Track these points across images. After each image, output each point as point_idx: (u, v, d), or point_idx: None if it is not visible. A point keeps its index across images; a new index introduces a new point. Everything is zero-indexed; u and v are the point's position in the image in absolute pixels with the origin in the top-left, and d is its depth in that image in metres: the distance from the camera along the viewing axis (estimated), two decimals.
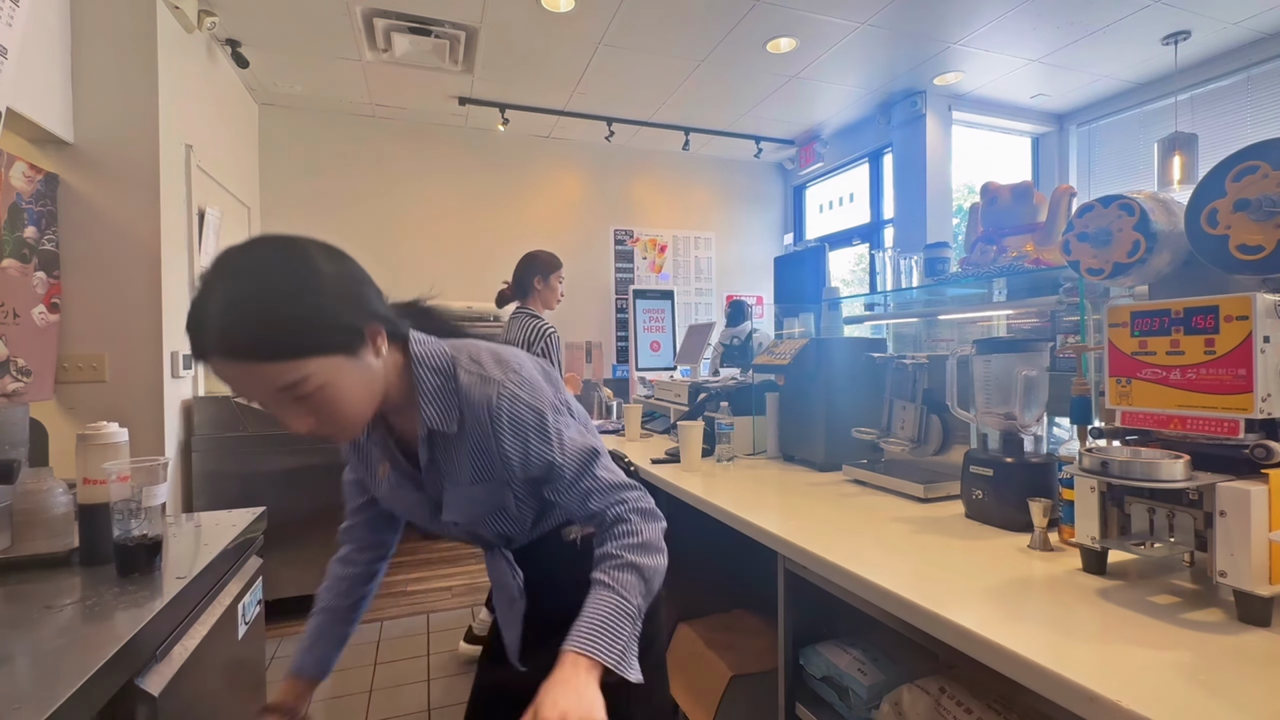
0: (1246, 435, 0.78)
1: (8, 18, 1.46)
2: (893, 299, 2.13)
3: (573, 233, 4.76)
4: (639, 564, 0.83)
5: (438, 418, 0.85)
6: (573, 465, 0.87)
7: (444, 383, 0.86)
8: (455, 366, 0.86)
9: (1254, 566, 0.74)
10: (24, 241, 2.10)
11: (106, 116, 2.33)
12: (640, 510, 0.88)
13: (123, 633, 0.81)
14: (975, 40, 3.33)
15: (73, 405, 2.32)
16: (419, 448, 0.88)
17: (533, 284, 2.51)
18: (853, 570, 0.98)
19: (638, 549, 0.84)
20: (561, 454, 0.87)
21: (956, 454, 1.46)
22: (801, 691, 1.24)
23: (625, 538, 0.85)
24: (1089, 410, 1.11)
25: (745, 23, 3.12)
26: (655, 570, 0.85)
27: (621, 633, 0.77)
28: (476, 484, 0.88)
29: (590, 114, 4.25)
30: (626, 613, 0.78)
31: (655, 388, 3.07)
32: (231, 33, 3.09)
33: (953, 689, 0.97)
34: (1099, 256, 0.96)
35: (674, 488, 1.71)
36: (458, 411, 0.85)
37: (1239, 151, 0.82)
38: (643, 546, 0.84)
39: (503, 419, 0.84)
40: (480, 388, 0.84)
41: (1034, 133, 4.47)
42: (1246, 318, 0.78)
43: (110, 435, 1.06)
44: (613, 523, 0.86)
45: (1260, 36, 3.29)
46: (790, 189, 5.45)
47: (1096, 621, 0.78)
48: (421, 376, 0.85)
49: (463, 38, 3.19)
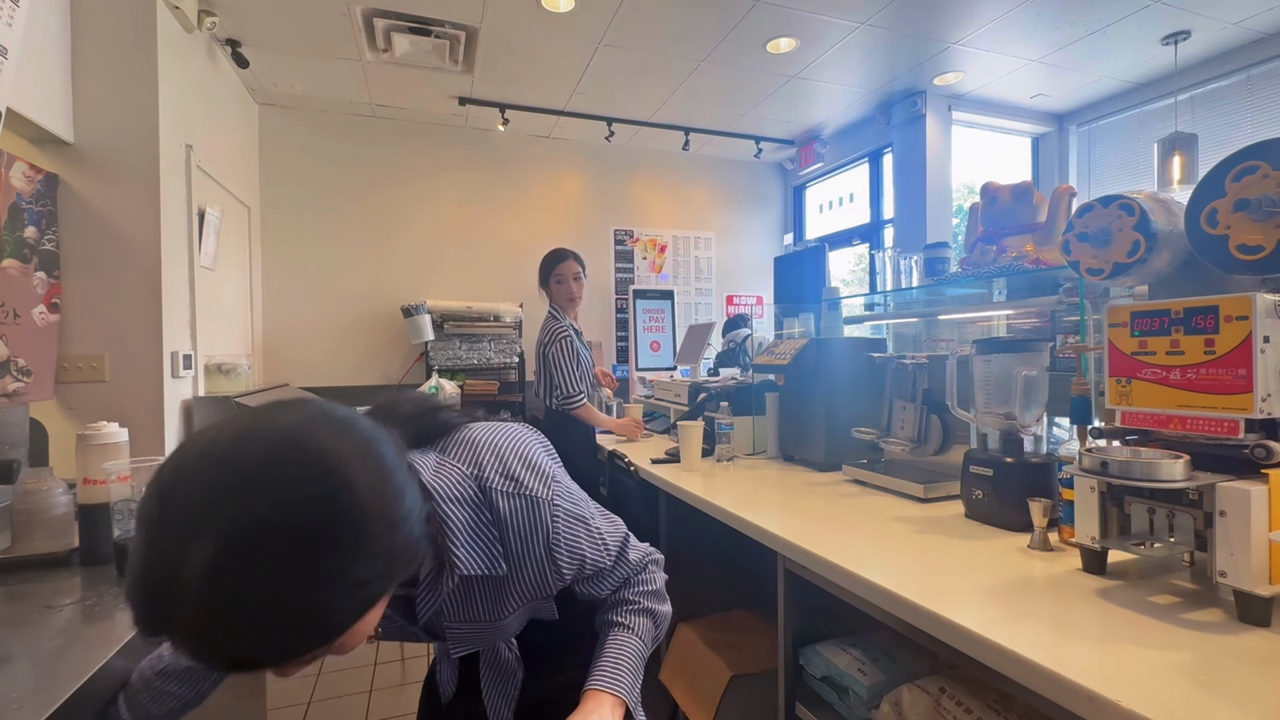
0: (1246, 435, 0.78)
1: (8, 18, 1.46)
2: (893, 299, 2.13)
3: (573, 233, 4.75)
4: (654, 610, 0.85)
5: (477, 562, 0.68)
6: (612, 558, 0.83)
7: (475, 515, 0.69)
8: (485, 490, 0.70)
9: (1254, 566, 0.74)
10: (24, 241, 2.10)
11: (106, 116, 2.33)
12: (655, 561, 0.90)
13: (123, 633, 0.81)
14: (975, 40, 3.33)
15: (73, 405, 2.32)
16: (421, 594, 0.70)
17: (549, 284, 2.53)
18: (853, 570, 0.98)
19: (651, 596, 0.86)
20: (608, 554, 0.82)
21: (956, 454, 1.46)
22: (801, 691, 1.24)
23: (641, 585, 0.86)
24: (1089, 410, 1.11)
25: (745, 23, 3.12)
26: (665, 617, 0.87)
27: (638, 673, 0.78)
28: (514, 613, 0.77)
29: (590, 114, 4.24)
30: (642, 656, 0.81)
31: (655, 388, 3.07)
32: (231, 33, 3.08)
33: (953, 689, 0.97)
34: (1099, 256, 0.96)
35: (674, 488, 1.71)
36: (500, 547, 0.70)
37: (1239, 151, 0.82)
38: (656, 594, 0.86)
39: (561, 543, 0.74)
40: (529, 513, 0.71)
41: (1034, 133, 4.47)
42: (1246, 318, 0.78)
43: (110, 435, 1.06)
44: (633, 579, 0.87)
45: (1260, 36, 3.29)
46: (790, 189, 5.45)
47: (1096, 621, 0.78)
48: (449, 515, 0.67)
49: (463, 38, 3.19)
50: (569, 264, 2.55)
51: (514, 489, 0.70)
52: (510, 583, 0.73)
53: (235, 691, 1.21)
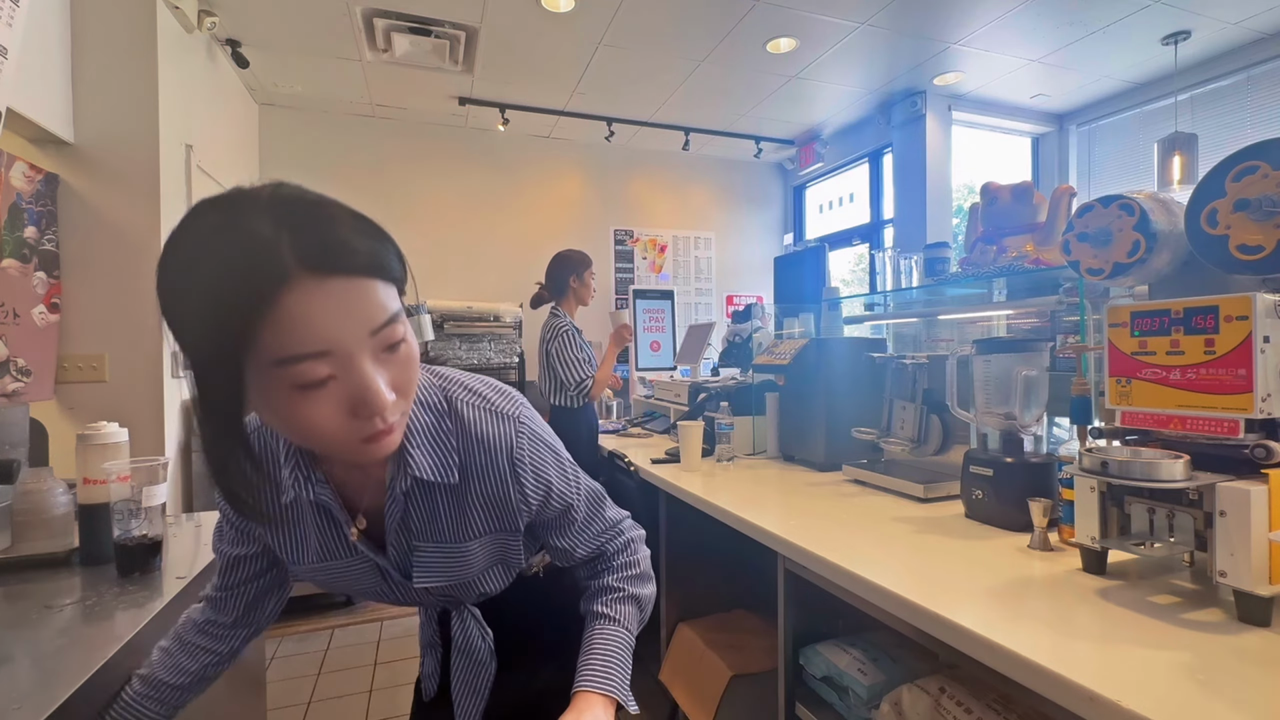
0: (1246, 435, 0.78)
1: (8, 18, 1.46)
2: (893, 299, 2.13)
3: (572, 233, 4.75)
4: (639, 596, 0.82)
5: (431, 466, 0.68)
6: (584, 506, 0.81)
7: (437, 421, 0.70)
8: (450, 400, 0.71)
9: (1254, 566, 0.74)
10: (24, 241, 2.10)
11: (106, 116, 2.33)
12: (637, 537, 0.87)
13: (123, 633, 0.81)
14: (975, 40, 3.33)
15: (73, 405, 2.32)
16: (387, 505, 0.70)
17: (569, 282, 2.54)
18: (853, 570, 0.98)
19: (636, 580, 0.83)
20: (578, 493, 0.79)
21: (956, 454, 1.46)
22: (801, 691, 1.24)
23: (626, 570, 0.83)
24: (1089, 410, 1.11)
25: (745, 23, 3.12)
26: (650, 600, 0.85)
27: (627, 666, 0.77)
28: (478, 538, 0.74)
29: (590, 114, 4.24)
30: (629, 646, 0.79)
31: (655, 388, 3.07)
32: (231, 33, 3.08)
33: (953, 689, 0.97)
34: (1099, 256, 0.96)
35: (674, 488, 1.71)
36: (458, 456, 0.70)
37: (1239, 151, 0.82)
38: (640, 577, 0.84)
39: (525, 459, 0.72)
40: (493, 425, 0.70)
41: (1034, 133, 4.47)
42: (1246, 318, 0.78)
43: (110, 435, 1.06)
44: (614, 554, 0.84)
45: (1260, 36, 3.29)
46: (790, 189, 5.45)
47: (1096, 621, 0.78)
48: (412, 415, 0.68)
49: (463, 38, 3.19)
50: (592, 265, 2.60)
51: (481, 403, 0.72)
52: (472, 498, 0.72)
53: (235, 691, 1.21)
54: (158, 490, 1.04)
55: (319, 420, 0.54)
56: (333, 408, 0.54)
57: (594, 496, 0.83)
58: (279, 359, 0.50)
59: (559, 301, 2.57)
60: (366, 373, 0.54)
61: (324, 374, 0.52)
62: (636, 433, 2.79)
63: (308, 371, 0.51)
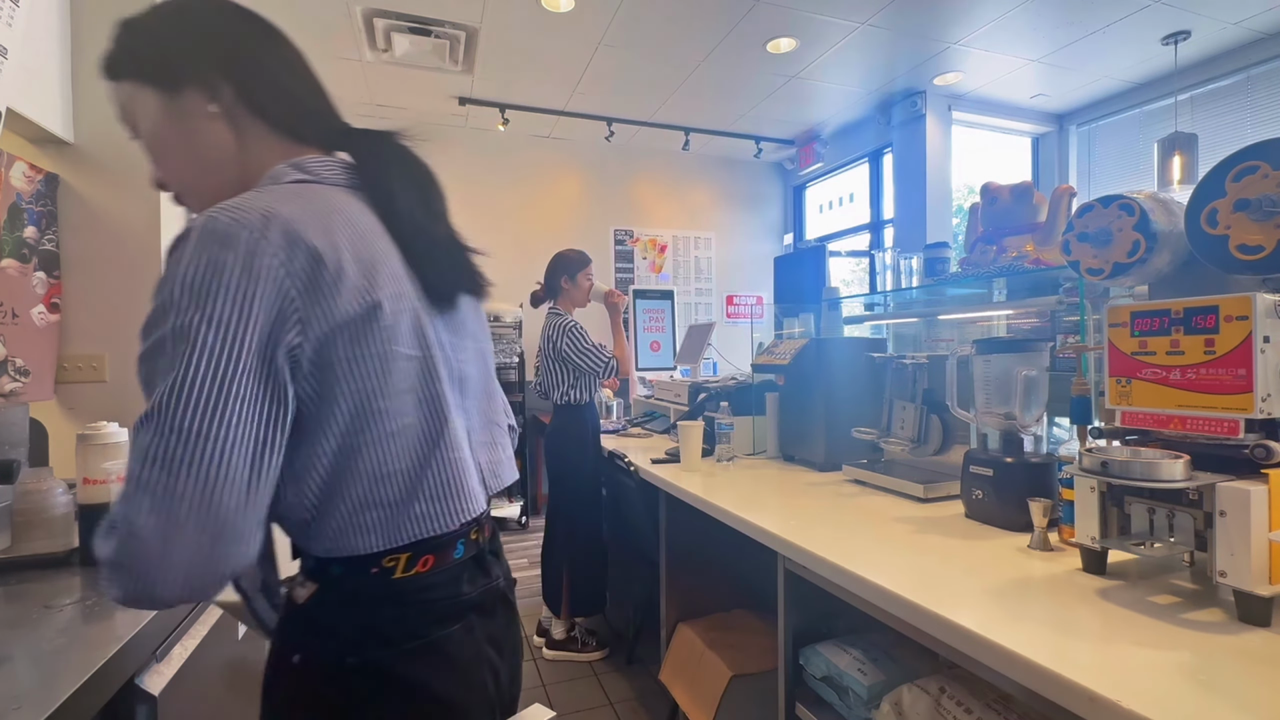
0: (1246, 435, 0.78)
1: (8, 18, 1.46)
2: (893, 299, 2.13)
3: (572, 233, 4.75)
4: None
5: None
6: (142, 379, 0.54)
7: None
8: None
9: (1254, 566, 0.74)
10: (24, 241, 2.10)
11: (106, 116, 2.31)
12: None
13: (123, 633, 0.81)
14: (975, 40, 3.33)
15: (73, 405, 2.32)
16: None
17: (560, 284, 2.52)
18: (853, 570, 0.98)
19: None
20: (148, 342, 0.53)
21: (956, 454, 1.46)
22: (801, 691, 1.24)
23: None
24: (1089, 410, 1.11)
25: (745, 23, 3.12)
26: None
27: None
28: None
29: (590, 114, 4.25)
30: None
31: (655, 388, 3.07)
32: None
33: (953, 689, 0.97)
34: (1099, 256, 0.96)
35: (674, 488, 1.71)
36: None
37: (1239, 151, 0.82)
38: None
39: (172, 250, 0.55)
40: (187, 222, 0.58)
41: (1034, 133, 4.47)
42: (1246, 318, 0.78)
43: (110, 435, 1.06)
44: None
45: (1260, 36, 3.29)
46: (790, 189, 5.45)
47: (1096, 621, 0.78)
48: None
49: (463, 38, 3.19)
50: (588, 266, 2.58)
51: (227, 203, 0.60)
52: None
53: (235, 691, 1.21)
54: None
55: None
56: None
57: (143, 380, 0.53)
58: None
59: (555, 301, 2.57)
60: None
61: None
62: (636, 433, 2.79)
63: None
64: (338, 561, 0.61)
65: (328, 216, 0.59)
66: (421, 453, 0.63)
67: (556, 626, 2.47)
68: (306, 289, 0.55)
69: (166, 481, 0.49)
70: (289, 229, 0.55)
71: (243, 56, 0.67)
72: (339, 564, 0.61)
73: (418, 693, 0.62)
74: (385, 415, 0.61)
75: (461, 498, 0.66)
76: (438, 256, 0.71)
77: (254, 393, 0.52)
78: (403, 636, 0.62)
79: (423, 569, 0.64)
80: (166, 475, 0.49)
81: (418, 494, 0.63)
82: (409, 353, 0.63)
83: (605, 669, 2.37)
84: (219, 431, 0.50)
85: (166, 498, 0.48)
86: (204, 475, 0.49)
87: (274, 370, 0.53)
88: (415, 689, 0.62)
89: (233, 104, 0.66)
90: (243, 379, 0.51)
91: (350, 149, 0.73)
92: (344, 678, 0.61)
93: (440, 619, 0.65)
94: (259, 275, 0.53)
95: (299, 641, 0.63)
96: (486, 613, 0.71)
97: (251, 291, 0.52)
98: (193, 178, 0.68)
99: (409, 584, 0.63)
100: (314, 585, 0.63)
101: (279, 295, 0.53)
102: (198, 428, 0.49)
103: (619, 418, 3.14)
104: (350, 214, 0.62)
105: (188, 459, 0.49)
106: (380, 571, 0.62)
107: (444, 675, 0.64)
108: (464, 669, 0.66)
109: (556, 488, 2.49)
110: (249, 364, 0.52)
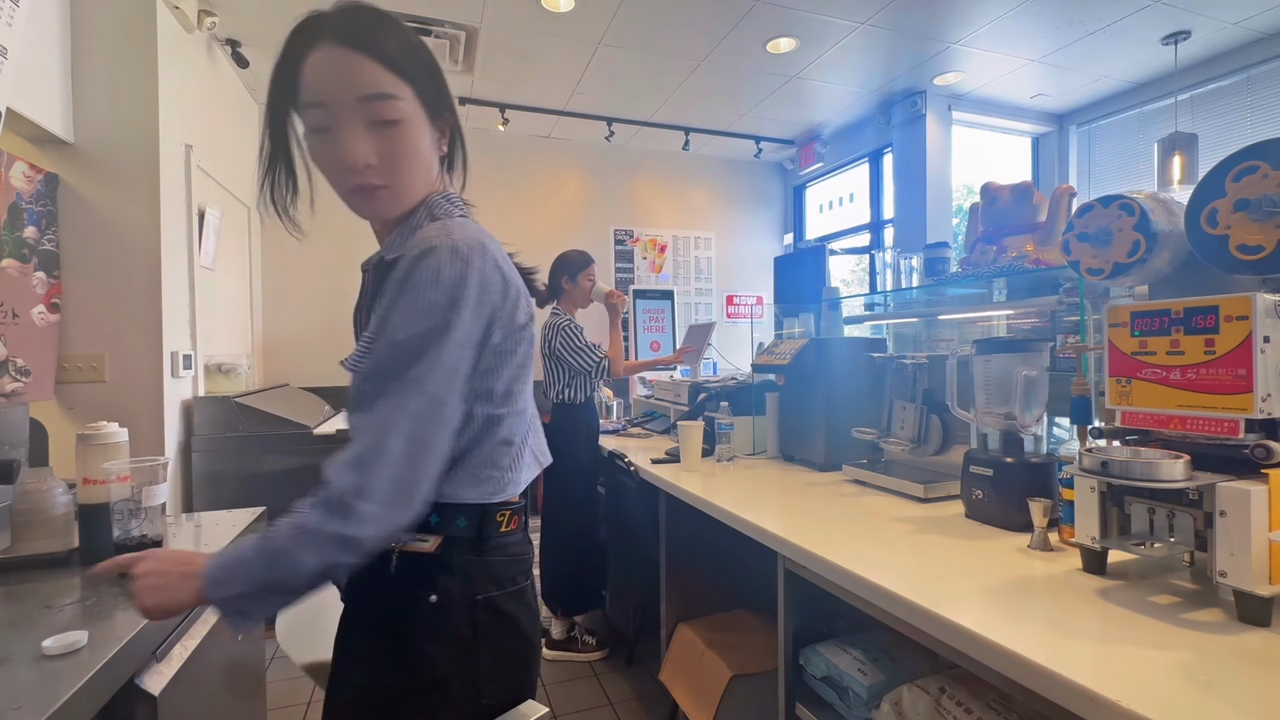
0: (1246, 435, 0.78)
1: (8, 18, 1.46)
2: (893, 299, 2.13)
3: (572, 233, 4.75)
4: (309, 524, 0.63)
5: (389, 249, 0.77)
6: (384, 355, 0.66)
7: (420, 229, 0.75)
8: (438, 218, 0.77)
9: (1254, 566, 0.74)
10: (24, 241, 2.10)
11: (106, 116, 2.33)
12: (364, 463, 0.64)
13: (123, 633, 0.81)
14: (975, 40, 3.33)
15: (73, 405, 2.32)
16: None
17: (561, 284, 2.53)
18: (853, 570, 0.98)
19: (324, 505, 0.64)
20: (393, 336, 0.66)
21: (956, 454, 1.46)
22: (801, 691, 1.24)
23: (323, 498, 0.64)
24: (1089, 410, 1.11)
25: (745, 23, 3.11)
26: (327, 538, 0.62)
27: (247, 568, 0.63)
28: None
29: (590, 114, 4.24)
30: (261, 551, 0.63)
31: (655, 388, 3.07)
32: (231, 33, 3.08)
33: (953, 689, 0.97)
34: (1099, 256, 0.96)
35: (674, 488, 1.71)
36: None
37: (1239, 151, 0.82)
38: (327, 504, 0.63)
39: (411, 264, 0.68)
40: (432, 236, 0.70)
41: (1034, 133, 4.47)
42: (1246, 318, 0.78)
43: (110, 435, 1.06)
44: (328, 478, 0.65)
45: (1260, 36, 3.29)
46: (790, 189, 5.45)
47: (1096, 621, 0.78)
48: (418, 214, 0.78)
49: (463, 38, 3.19)
50: (589, 267, 2.58)
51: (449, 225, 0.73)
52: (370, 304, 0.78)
53: (235, 691, 1.21)
54: (157, 490, 1.05)
55: (321, 158, 0.73)
56: (328, 152, 0.72)
57: (400, 356, 0.65)
58: (299, 104, 0.72)
59: (557, 302, 2.57)
60: (345, 128, 0.70)
61: (319, 122, 0.71)
62: (636, 433, 2.79)
63: (310, 117, 0.71)
64: (463, 514, 0.76)
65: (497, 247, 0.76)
66: (524, 431, 0.81)
67: (556, 626, 2.47)
68: (503, 300, 0.74)
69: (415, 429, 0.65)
70: (493, 256, 0.73)
71: (456, 110, 0.82)
72: (464, 515, 0.76)
73: (515, 627, 0.78)
74: (519, 396, 0.79)
75: (530, 470, 0.83)
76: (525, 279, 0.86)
77: (467, 371, 0.71)
78: (507, 580, 0.78)
79: (513, 527, 0.81)
80: (417, 424, 0.65)
81: (519, 463, 0.80)
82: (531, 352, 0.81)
83: (605, 669, 2.37)
84: (451, 399, 0.68)
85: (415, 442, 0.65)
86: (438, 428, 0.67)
87: (477, 356, 0.72)
88: (517, 624, 0.78)
89: (446, 150, 0.82)
90: (465, 363, 0.70)
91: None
92: (472, 612, 0.75)
93: (524, 570, 0.82)
94: (485, 288, 0.70)
95: (434, 582, 0.74)
96: (530, 573, 0.85)
97: (481, 300, 0.70)
98: (411, 186, 0.76)
99: (508, 538, 0.79)
100: (438, 538, 0.75)
101: (491, 305, 0.72)
102: (441, 395, 0.67)
103: (619, 418, 3.14)
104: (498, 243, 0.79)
105: (434, 416, 0.66)
106: (495, 525, 0.77)
107: (526, 615, 0.80)
108: (534, 613, 0.83)
109: (553, 486, 2.50)
110: (470, 353, 0.70)
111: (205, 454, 2.69)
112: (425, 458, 0.65)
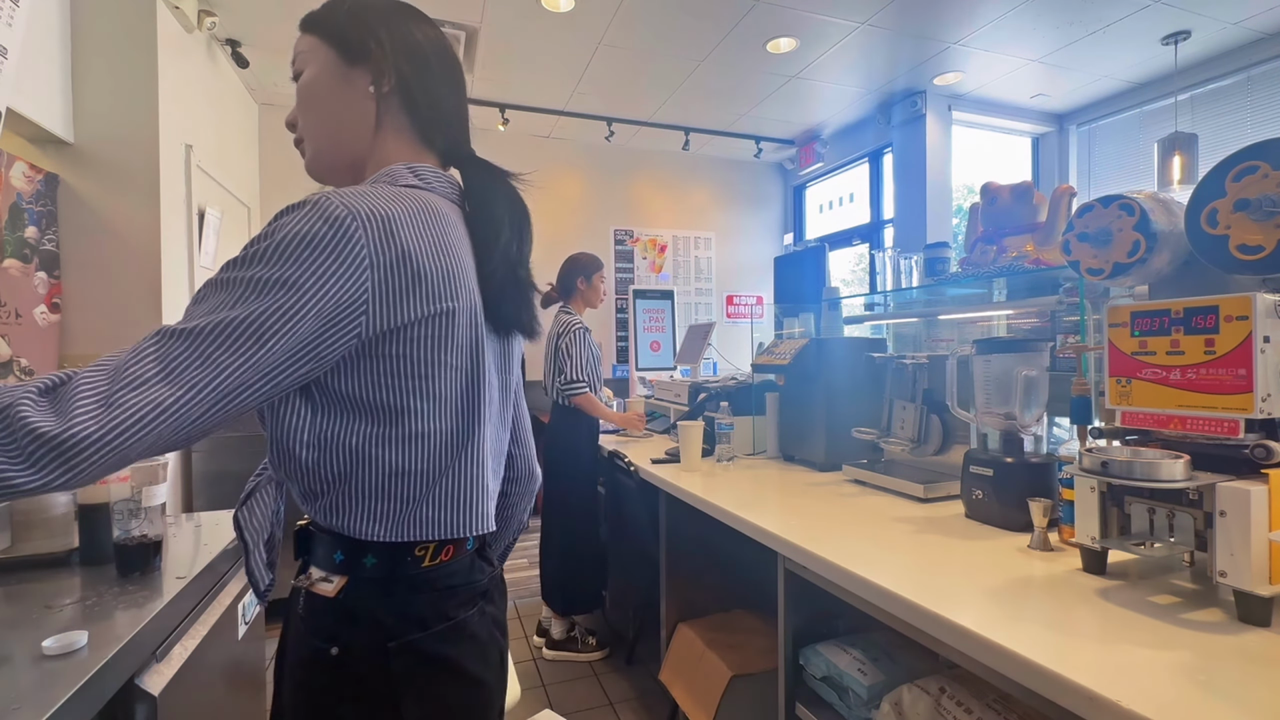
0: (1246, 435, 0.78)
1: (8, 18, 1.46)
2: (893, 299, 2.13)
3: (572, 233, 4.75)
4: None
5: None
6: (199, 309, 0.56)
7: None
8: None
9: (1254, 566, 0.74)
10: (25, 241, 2.10)
11: (106, 116, 2.33)
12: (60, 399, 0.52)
13: (123, 633, 0.81)
14: (975, 40, 3.33)
15: None
16: None
17: (576, 285, 2.56)
18: (853, 570, 0.98)
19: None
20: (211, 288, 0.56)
21: (956, 454, 1.46)
22: (801, 691, 1.24)
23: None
24: (1089, 410, 1.11)
25: (745, 23, 3.12)
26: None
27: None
28: None
29: (590, 114, 4.25)
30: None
31: (655, 388, 3.07)
32: (231, 33, 3.08)
33: (953, 689, 0.97)
34: (1099, 256, 0.96)
35: (674, 488, 1.71)
36: None
37: (1239, 151, 0.82)
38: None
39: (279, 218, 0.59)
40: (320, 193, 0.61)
41: (1034, 133, 4.47)
42: (1246, 318, 0.78)
43: None
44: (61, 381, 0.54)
45: (1260, 36, 3.29)
46: (790, 189, 5.45)
47: (1096, 621, 0.78)
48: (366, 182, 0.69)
49: (463, 38, 3.19)
50: (602, 269, 2.63)
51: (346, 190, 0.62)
52: None
53: (235, 691, 1.21)
54: (157, 490, 1.05)
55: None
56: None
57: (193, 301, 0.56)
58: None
59: (567, 301, 2.59)
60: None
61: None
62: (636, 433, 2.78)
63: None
64: (371, 551, 0.65)
65: (427, 222, 0.64)
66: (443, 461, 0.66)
67: (556, 626, 2.47)
68: (383, 283, 0.59)
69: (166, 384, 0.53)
70: (389, 226, 0.60)
71: (417, 56, 0.73)
72: (372, 554, 0.65)
73: (450, 669, 0.67)
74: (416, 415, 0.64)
75: (472, 512, 0.69)
76: (511, 293, 0.74)
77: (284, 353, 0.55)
78: (435, 618, 0.66)
79: (445, 558, 0.69)
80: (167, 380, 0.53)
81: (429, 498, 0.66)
82: (460, 364, 0.66)
83: (605, 669, 2.37)
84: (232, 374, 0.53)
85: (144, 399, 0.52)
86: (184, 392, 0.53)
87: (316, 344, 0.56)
88: (448, 666, 0.66)
89: (390, 91, 0.72)
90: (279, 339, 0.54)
91: (466, 172, 0.78)
92: (384, 662, 0.63)
93: (465, 600, 0.70)
94: (346, 260, 0.56)
95: (335, 633, 0.64)
96: (491, 598, 0.75)
97: (333, 271, 0.56)
98: (324, 137, 0.73)
99: (436, 571, 0.67)
100: (343, 578, 0.65)
101: (357, 284, 0.57)
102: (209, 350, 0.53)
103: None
104: (446, 225, 0.66)
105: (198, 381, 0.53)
106: (413, 560, 0.66)
107: (469, 653, 0.69)
108: (483, 647, 0.71)
109: (553, 486, 2.50)
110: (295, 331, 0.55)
111: (205, 454, 2.69)
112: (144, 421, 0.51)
